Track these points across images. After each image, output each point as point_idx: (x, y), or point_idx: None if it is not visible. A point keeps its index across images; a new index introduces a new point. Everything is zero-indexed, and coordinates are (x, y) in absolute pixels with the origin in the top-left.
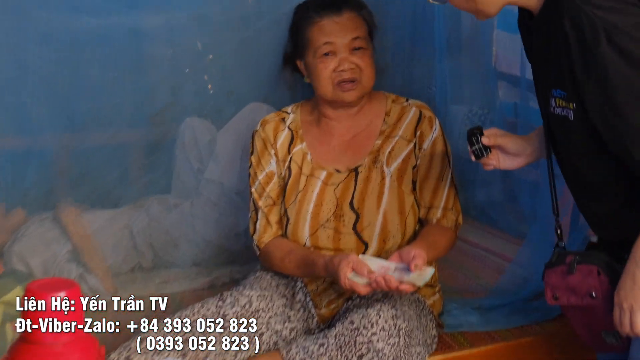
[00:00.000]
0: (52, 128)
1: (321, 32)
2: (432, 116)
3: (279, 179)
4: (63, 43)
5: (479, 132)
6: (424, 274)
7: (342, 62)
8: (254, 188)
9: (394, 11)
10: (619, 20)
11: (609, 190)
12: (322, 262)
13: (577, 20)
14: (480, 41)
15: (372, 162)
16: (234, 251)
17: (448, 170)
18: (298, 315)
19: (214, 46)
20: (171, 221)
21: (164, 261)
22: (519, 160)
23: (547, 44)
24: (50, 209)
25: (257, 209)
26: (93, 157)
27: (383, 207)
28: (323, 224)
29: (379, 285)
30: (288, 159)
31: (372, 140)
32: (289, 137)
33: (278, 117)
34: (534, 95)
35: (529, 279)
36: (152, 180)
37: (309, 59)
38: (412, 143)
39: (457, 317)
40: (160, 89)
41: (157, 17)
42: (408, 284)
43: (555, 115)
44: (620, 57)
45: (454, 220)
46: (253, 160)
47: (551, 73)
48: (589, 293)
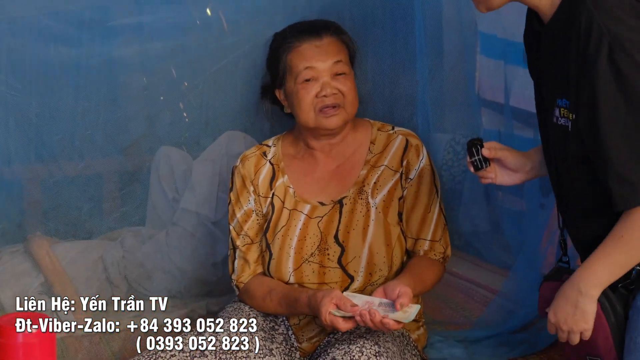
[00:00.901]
0: (21, 159)
1: (301, 57)
2: (420, 144)
3: (257, 216)
4: (34, 72)
5: (480, 144)
6: (410, 311)
7: (324, 87)
8: (232, 226)
9: (373, 38)
10: (631, 40)
11: (599, 213)
12: (304, 298)
13: (587, 28)
14: (463, 67)
15: (357, 193)
16: (210, 282)
17: (436, 201)
18: (280, 347)
19: (190, 74)
20: (146, 252)
21: (138, 293)
22: (517, 176)
23: (558, 50)
24: (21, 241)
25: (234, 247)
26: (65, 189)
27: (369, 239)
28: (307, 259)
29: (364, 319)
30: (270, 194)
31: (357, 170)
32: (271, 172)
33: (259, 150)
34: (518, 122)
35: (515, 310)
36: (127, 212)
37: (289, 86)
38: (398, 173)
39: (441, 350)
40: (135, 118)
41: (131, 47)
42: (392, 320)
43: (558, 126)
44: (613, 77)
45: (442, 253)
46: (232, 197)
47: (558, 81)
48: None
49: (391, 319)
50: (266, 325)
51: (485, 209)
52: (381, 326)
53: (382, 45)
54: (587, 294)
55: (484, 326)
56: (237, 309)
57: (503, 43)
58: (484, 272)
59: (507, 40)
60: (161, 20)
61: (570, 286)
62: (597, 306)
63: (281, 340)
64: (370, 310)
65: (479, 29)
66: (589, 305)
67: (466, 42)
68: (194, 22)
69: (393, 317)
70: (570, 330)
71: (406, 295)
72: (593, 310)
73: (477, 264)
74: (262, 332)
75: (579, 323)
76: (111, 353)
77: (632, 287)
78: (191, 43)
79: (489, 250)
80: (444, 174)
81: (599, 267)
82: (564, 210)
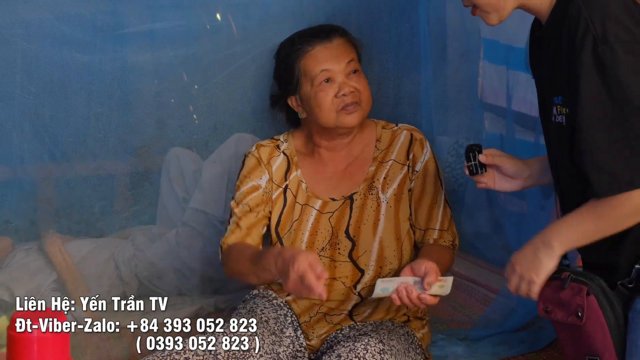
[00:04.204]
0: (35, 159)
1: (315, 61)
2: (423, 138)
3: (264, 193)
4: (48, 76)
5: (478, 150)
6: (445, 284)
7: (342, 87)
8: (234, 199)
9: (379, 43)
10: (616, 35)
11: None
12: (274, 251)
13: (575, 23)
14: (466, 72)
15: (367, 189)
16: (218, 280)
17: (441, 192)
18: (287, 351)
19: (200, 78)
20: (156, 251)
21: (149, 291)
22: (515, 183)
23: (554, 51)
24: (35, 238)
25: (231, 216)
26: (78, 188)
27: (379, 234)
28: (319, 253)
29: (400, 296)
30: (284, 185)
31: (366, 167)
32: (285, 163)
33: (272, 143)
34: (519, 126)
35: (516, 309)
36: (138, 211)
37: (306, 91)
38: (405, 166)
39: (444, 348)
40: (146, 121)
41: (143, 54)
42: (429, 295)
43: (556, 124)
44: (596, 69)
45: (451, 241)
46: (240, 176)
47: (555, 80)
48: (576, 312)
49: (428, 294)
50: (277, 329)
51: (487, 210)
52: (418, 302)
53: (388, 49)
54: (548, 244)
55: (485, 325)
56: (250, 311)
57: (505, 49)
58: (486, 272)
59: (510, 46)
60: (173, 28)
61: (539, 235)
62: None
63: (288, 344)
64: (407, 287)
65: (482, 35)
66: (546, 258)
67: (469, 47)
68: (205, 28)
69: (430, 293)
70: (521, 276)
71: (433, 271)
72: (548, 265)
73: (479, 264)
74: (274, 336)
75: (530, 271)
76: (122, 348)
77: (631, 286)
78: (202, 50)
79: (491, 250)
80: (446, 176)
81: (568, 228)
82: (564, 208)
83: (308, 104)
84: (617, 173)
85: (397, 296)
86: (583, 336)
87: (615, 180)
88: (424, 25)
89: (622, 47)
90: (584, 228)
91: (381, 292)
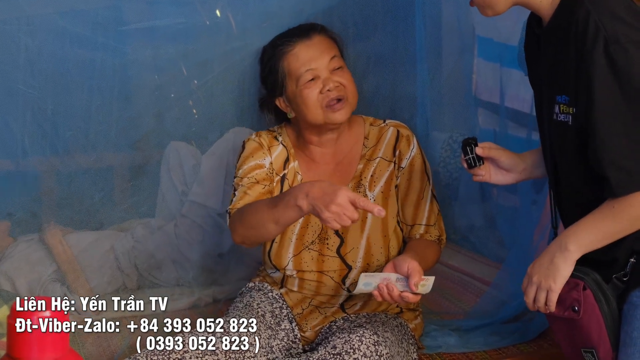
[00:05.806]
0: (36, 151)
1: (298, 60)
2: (410, 134)
3: (268, 172)
4: (50, 71)
5: (474, 143)
6: (427, 284)
7: (326, 82)
8: (238, 176)
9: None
10: (626, 35)
11: (595, 207)
12: (300, 187)
13: (585, 24)
14: (461, 69)
15: (355, 187)
16: (217, 271)
17: (428, 188)
18: (281, 344)
19: (199, 73)
20: (155, 243)
21: (148, 282)
22: (510, 176)
23: (557, 49)
24: (36, 230)
25: (235, 190)
26: (78, 180)
27: (367, 231)
28: (307, 246)
29: (382, 294)
30: (282, 174)
31: (354, 165)
32: (284, 153)
33: (270, 134)
34: (512, 122)
35: (507, 301)
36: (137, 203)
37: (291, 90)
38: (392, 163)
39: (436, 339)
40: (146, 114)
41: (144, 50)
42: (411, 294)
43: (558, 123)
44: (609, 68)
45: (437, 235)
46: (241, 157)
47: (558, 79)
48: (572, 306)
49: (409, 293)
50: (273, 322)
51: (480, 205)
52: (399, 300)
53: (384, 47)
54: (565, 248)
55: (478, 316)
56: (247, 305)
57: (499, 46)
58: (479, 265)
59: (503, 44)
60: (173, 24)
61: (554, 242)
62: (591, 297)
63: (282, 336)
64: (388, 285)
65: (477, 33)
66: (563, 263)
67: (464, 45)
68: (204, 24)
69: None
70: (538, 285)
71: (416, 271)
72: (565, 270)
73: (472, 257)
74: (270, 330)
75: (547, 279)
76: (121, 338)
77: (626, 279)
78: (201, 45)
79: (484, 244)
80: (441, 171)
81: (585, 230)
82: (562, 206)
83: (295, 103)
84: (635, 171)
85: (378, 293)
86: (579, 329)
87: (633, 178)
88: (420, 23)
89: (633, 47)
90: (602, 228)
91: (364, 287)
